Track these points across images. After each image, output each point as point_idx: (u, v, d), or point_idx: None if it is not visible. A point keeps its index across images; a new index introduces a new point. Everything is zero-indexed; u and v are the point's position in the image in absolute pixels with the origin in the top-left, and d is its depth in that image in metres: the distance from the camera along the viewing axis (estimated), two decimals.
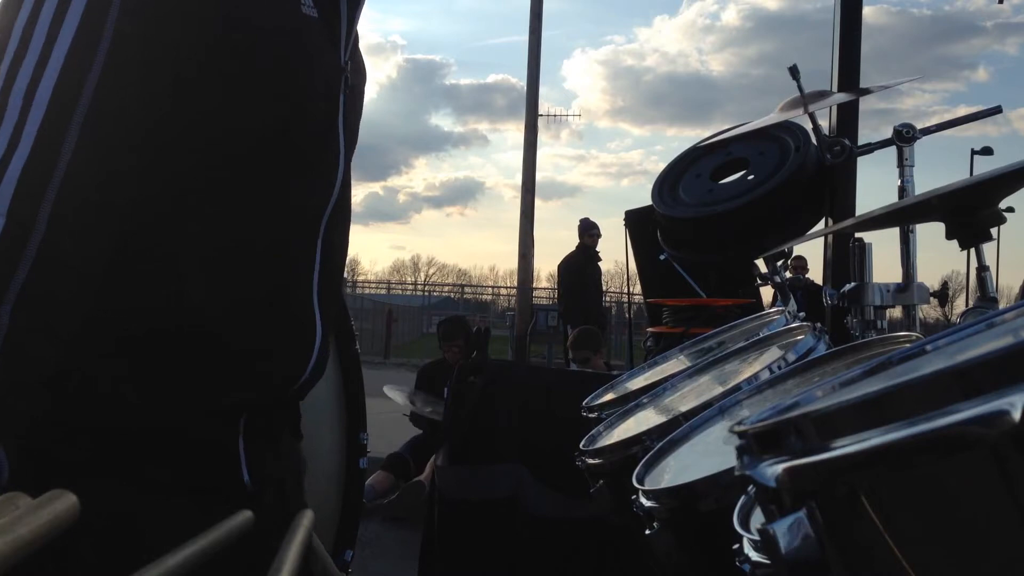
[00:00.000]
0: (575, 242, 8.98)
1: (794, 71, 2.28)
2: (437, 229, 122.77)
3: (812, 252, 11.66)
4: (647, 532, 0.90)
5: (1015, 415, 0.30)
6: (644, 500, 0.91)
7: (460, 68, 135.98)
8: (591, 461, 1.18)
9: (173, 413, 0.79)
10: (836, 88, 2.70)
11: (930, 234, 1.51)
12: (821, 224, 2.65)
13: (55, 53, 0.73)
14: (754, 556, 0.60)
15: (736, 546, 0.63)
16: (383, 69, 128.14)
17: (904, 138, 1.98)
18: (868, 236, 1.85)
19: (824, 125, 2.49)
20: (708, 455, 0.98)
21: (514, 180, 61.16)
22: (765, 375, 1.13)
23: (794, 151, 2.57)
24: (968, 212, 1.26)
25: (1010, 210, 1.48)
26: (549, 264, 58.68)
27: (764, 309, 2.86)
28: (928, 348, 0.57)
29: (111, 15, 0.74)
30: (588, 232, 8.89)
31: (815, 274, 6.50)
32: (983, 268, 1.45)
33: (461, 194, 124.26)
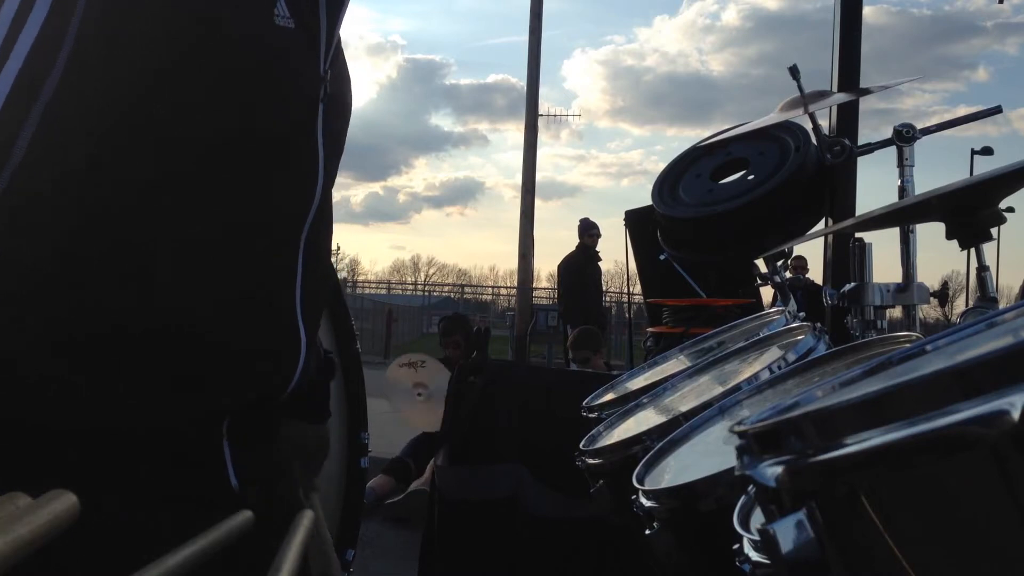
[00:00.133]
0: (575, 242, 8.99)
1: (794, 71, 2.28)
2: (437, 229, 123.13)
3: (812, 252, 11.65)
4: (647, 532, 0.90)
5: (1015, 415, 0.30)
6: (644, 500, 0.91)
7: (460, 68, 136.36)
8: (591, 461, 1.18)
9: (145, 414, 0.77)
10: (836, 88, 2.70)
11: (930, 234, 1.51)
12: (821, 224, 2.64)
13: (17, 49, 0.72)
14: (754, 556, 0.60)
15: (736, 546, 0.63)
16: (383, 69, 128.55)
17: (904, 138, 1.98)
18: (868, 236, 1.85)
19: (824, 125, 2.49)
20: (708, 455, 0.98)
21: (514, 180, 61.26)
22: (765, 375, 1.13)
23: (794, 151, 2.57)
24: (968, 212, 1.26)
25: (1010, 210, 1.48)
26: (549, 264, 58.82)
27: (764, 309, 2.86)
28: (928, 348, 0.57)
29: (77, 13, 0.74)
30: (588, 232, 8.89)
31: (815, 274, 6.52)
32: (983, 268, 1.45)
33: (461, 194, 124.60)
